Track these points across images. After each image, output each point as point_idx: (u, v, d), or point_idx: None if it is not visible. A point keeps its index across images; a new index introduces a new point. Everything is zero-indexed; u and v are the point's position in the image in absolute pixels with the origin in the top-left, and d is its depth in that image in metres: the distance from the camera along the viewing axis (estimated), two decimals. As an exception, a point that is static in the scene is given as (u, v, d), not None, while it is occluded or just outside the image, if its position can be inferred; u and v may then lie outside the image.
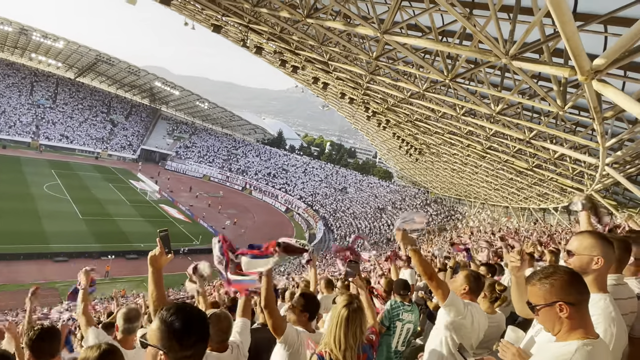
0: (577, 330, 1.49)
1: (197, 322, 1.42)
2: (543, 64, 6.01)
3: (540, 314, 1.56)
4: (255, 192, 59.66)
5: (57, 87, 66.13)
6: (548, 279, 1.53)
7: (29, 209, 32.07)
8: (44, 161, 49.20)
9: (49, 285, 22.13)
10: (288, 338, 2.55)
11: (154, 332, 1.38)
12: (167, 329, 1.36)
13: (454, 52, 8.63)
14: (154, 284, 2.18)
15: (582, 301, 1.51)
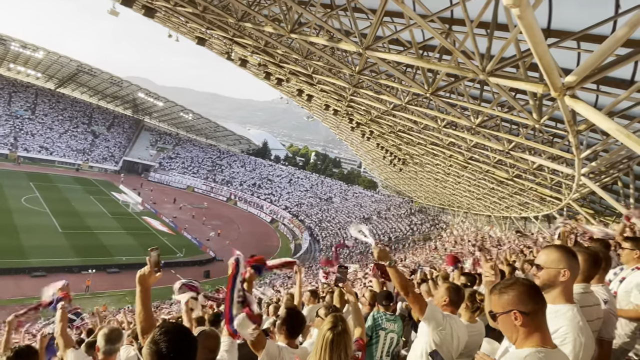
0: (531, 338, 1.59)
1: (186, 344, 1.47)
2: (519, 80, 6.23)
3: (499, 322, 1.68)
4: (240, 202, 59.25)
5: (36, 97, 64.86)
6: (507, 289, 1.65)
7: (6, 223, 31.11)
8: (22, 173, 47.95)
9: (27, 300, 21.41)
10: (269, 352, 2.57)
11: (145, 351, 1.45)
12: (155, 350, 1.43)
13: (434, 68, 8.87)
14: (142, 304, 2.16)
15: (537, 311, 1.61)
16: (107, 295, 24.51)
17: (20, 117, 60.02)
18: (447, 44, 6.83)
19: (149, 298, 2.20)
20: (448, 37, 7.14)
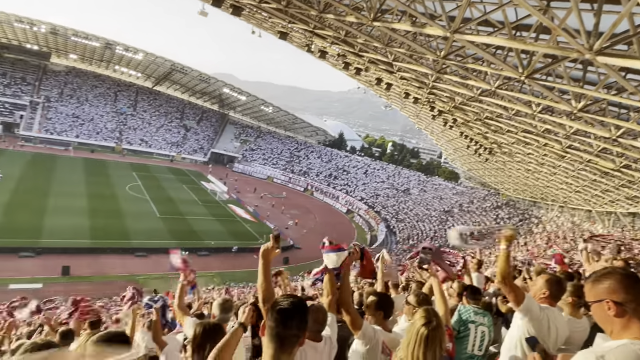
0: (629, 330, 1.48)
1: (300, 313, 1.73)
2: (633, 58, 5.47)
3: (592, 312, 1.62)
4: (316, 193, 60.49)
5: (137, 95, 72.16)
6: (601, 277, 1.60)
7: (114, 208, 35.32)
8: (126, 164, 53.92)
9: (130, 277, 24.31)
10: (366, 334, 2.67)
11: (268, 317, 1.73)
12: (276, 317, 1.69)
13: (531, 49, 8.15)
14: (263, 275, 2.38)
15: (633, 301, 1.50)
16: (198, 276, 26.61)
17: (124, 114, 67.35)
18: (547, 20, 6.21)
19: (269, 270, 2.44)
20: (546, 14, 6.48)
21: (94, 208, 34.03)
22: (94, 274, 24.60)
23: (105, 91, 69.33)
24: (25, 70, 63.42)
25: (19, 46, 61.53)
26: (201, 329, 2.20)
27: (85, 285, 22.83)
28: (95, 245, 27.56)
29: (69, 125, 60.20)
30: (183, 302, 3.65)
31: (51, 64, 65.85)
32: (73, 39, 55.94)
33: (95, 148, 58.34)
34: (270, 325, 1.69)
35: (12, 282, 22.03)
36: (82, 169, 46.42)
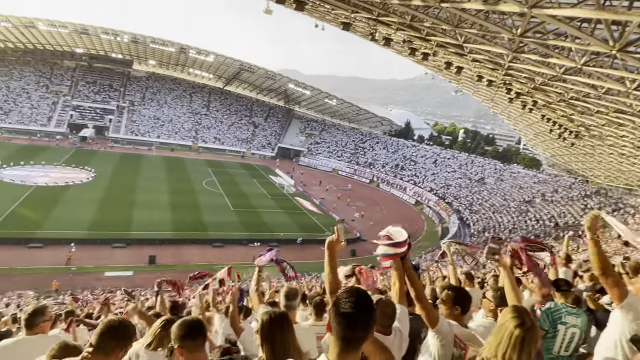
0: None
1: (366, 307, 1.60)
2: None
3: None
4: (382, 184, 59.64)
5: (209, 96, 76.32)
6: None
7: (192, 202, 37.85)
8: (202, 161, 57.44)
9: (209, 266, 25.91)
10: (441, 329, 2.55)
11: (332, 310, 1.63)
12: (338, 311, 1.58)
13: (623, 19, 7.14)
14: (330, 267, 2.38)
15: None
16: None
17: (198, 114, 71.65)
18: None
19: (335, 262, 2.42)
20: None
21: (174, 202, 36.75)
22: (177, 263, 26.58)
23: (182, 93, 74.22)
24: (111, 78, 70.04)
25: (105, 56, 68.04)
26: (267, 317, 2.18)
27: (169, 273, 24.72)
28: (177, 237, 29.79)
29: (151, 126, 65.48)
30: (259, 290, 3.80)
31: (133, 70, 71.98)
32: (151, 45, 60.51)
33: (174, 147, 62.87)
34: (334, 327, 1.61)
35: (107, 269, 24.60)
36: (163, 167, 50.33)
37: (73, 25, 55.07)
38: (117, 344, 2.09)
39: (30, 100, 61.19)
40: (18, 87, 62.06)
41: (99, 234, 28.24)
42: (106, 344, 2.06)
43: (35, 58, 65.40)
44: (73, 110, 62.45)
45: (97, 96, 66.40)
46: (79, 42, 61.72)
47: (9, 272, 22.63)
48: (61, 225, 28.53)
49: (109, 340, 2.07)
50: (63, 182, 37.57)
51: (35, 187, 35.26)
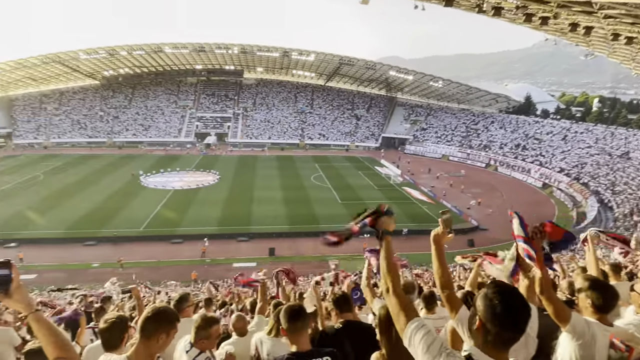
0: None
1: (518, 303, 1.51)
2: None
3: None
4: (501, 167, 54.75)
5: (312, 94, 78.91)
6: None
7: (303, 197, 39.66)
8: (309, 157, 59.81)
9: (323, 258, 26.92)
10: (576, 327, 2.28)
11: (478, 300, 1.57)
12: (490, 306, 1.50)
13: None
14: (438, 261, 2.28)
15: None
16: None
17: (303, 112, 74.64)
18: None
19: (443, 255, 2.30)
20: None
21: (287, 198, 38.99)
22: (294, 254, 28.16)
23: (287, 95, 78.16)
24: (227, 89, 77.10)
25: (220, 69, 75.04)
26: (385, 311, 2.20)
27: (288, 264, 26.32)
28: (292, 230, 31.53)
29: (263, 129, 70.42)
30: (370, 282, 3.76)
31: (244, 79, 78.11)
32: (258, 53, 64.89)
33: (284, 146, 66.67)
34: (490, 327, 1.50)
35: (235, 261, 27.20)
36: (275, 165, 53.74)
37: (192, 45, 62.01)
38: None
39: (164, 115, 70.81)
40: (153, 105, 72.37)
41: (226, 229, 31.38)
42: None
43: (164, 78, 75.36)
44: (198, 121, 70.52)
45: (216, 106, 73.90)
46: (197, 59, 69.25)
47: (157, 264, 26.52)
48: (195, 222, 32.46)
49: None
50: (194, 185, 42.67)
51: (173, 191, 40.73)
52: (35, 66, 62.09)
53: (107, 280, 23.00)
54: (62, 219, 32.57)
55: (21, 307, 1.72)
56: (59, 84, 72.48)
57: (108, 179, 44.69)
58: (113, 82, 73.47)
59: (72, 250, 27.81)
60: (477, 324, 1.55)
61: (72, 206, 35.50)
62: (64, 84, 72.80)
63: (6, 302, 1.65)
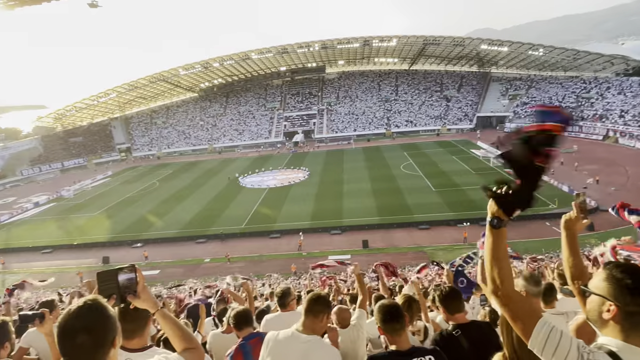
0: None
1: None
2: None
3: None
4: (622, 139, 47.32)
5: (396, 80, 76.64)
6: None
7: (393, 187, 38.68)
8: (397, 146, 58.18)
9: (417, 249, 25.93)
10: None
11: (603, 285, 1.42)
12: (619, 285, 1.38)
13: None
14: (569, 249, 2.08)
15: None
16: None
17: (388, 100, 72.87)
18: None
19: (576, 243, 2.10)
20: None
21: (377, 189, 38.40)
22: (387, 246, 27.57)
23: (370, 85, 77.07)
24: (310, 86, 78.66)
25: (303, 68, 76.88)
26: None
27: (382, 256, 25.86)
28: (384, 222, 30.90)
29: (348, 122, 70.43)
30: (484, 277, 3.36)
31: (326, 74, 78.89)
32: (338, 47, 65.00)
33: (370, 137, 65.90)
34: (625, 311, 1.33)
35: (330, 254, 27.48)
36: (362, 157, 53.35)
37: (275, 48, 64.51)
38: (321, 309, 2.62)
39: (255, 119, 74.83)
40: (245, 110, 76.90)
41: (319, 223, 31.98)
42: (312, 308, 2.62)
43: (253, 84, 79.67)
44: (285, 121, 73.18)
45: (301, 105, 75.91)
46: (281, 61, 71.84)
47: (259, 258, 28.06)
48: (290, 218, 33.65)
49: (316, 306, 2.62)
50: (287, 183, 44.33)
51: (268, 189, 42.80)
52: (144, 86, 70.31)
53: (218, 274, 24.95)
54: (176, 220, 36.23)
55: (148, 306, 1.82)
56: (165, 100, 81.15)
57: (212, 182, 48.63)
58: (209, 93, 79.94)
59: (187, 248, 30.80)
60: (613, 311, 1.35)
61: (184, 208, 39.30)
62: (169, 99, 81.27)
63: (135, 302, 1.76)
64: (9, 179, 62.22)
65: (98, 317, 1.41)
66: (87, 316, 1.38)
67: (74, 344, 1.35)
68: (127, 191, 48.77)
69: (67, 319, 1.37)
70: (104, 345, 1.40)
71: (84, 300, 1.43)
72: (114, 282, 1.69)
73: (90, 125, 76.42)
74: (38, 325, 2.66)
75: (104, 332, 1.41)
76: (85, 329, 1.36)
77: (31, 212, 45.23)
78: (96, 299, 1.46)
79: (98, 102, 71.50)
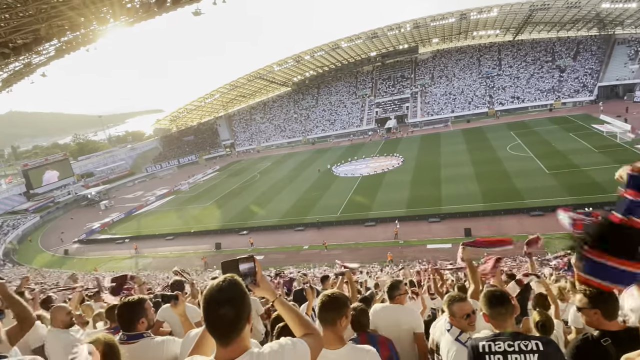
0: None
1: None
2: None
3: None
4: None
5: (499, 53, 70.04)
6: None
7: (498, 170, 35.52)
8: (501, 125, 53.24)
9: (523, 237, 23.30)
10: None
11: None
12: None
13: None
14: None
15: None
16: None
17: (490, 76, 67.00)
18: None
19: None
20: None
21: (480, 173, 35.64)
22: (494, 234, 25.38)
23: (468, 61, 71.72)
24: (402, 69, 76.03)
25: (394, 51, 74.57)
26: None
27: (487, 245, 23.96)
28: (489, 208, 28.55)
29: (444, 103, 66.54)
30: None
31: (419, 55, 75.44)
32: (432, 24, 61.59)
33: (470, 117, 61.42)
34: None
35: (428, 242, 26.41)
36: (462, 140, 49.95)
37: (365, 34, 63.51)
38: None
39: (346, 108, 74.93)
40: (336, 100, 77.40)
41: (415, 210, 30.85)
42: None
43: (343, 73, 79.71)
44: (377, 107, 71.92)
45: (393, 89, 73.84)
46: (371, 46, 70.56)
47: (355, 246, 28.10)
48: (385, 206, 33.06)
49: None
50: (380, 170, 43.60)
51: (361, 177, 42.63)
52: (243, 85, 75.07)
53: (316, 261, 25.68)
54: (276, 209, 38.11)
55: (267, 294, 1.90)
56: (262, 97, 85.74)
57: (307, 172, 50.11)
58: (301, 86, 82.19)
59: (287, 235, 32.21)
60: None
61: (282, 198, 41.15)
62: (265, 95, 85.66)
63: (256, 291, 1.86)
64: (136, 176, 71.75)
65: (238, 292, 1.54)
66: (229, 290, 1.52)
67: (217, 315, 1.50)
68: (233, 183, 52.72)
69: (212, 292, 1.52)
70: (242, 318, 1.54)
71: (224, 276, 1.57)
72: (236, 271, 1.76)
73: (199, 125, 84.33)
74: (173, 305, 3.05)
75: (243, 305, 1.54)
76: (228, 301, 1.50)
77: (155, 204, 51.53)
78: (234, 276, 1.58)
79: (205, 103, 78.47)
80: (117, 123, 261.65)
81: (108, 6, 18.84)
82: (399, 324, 3.48)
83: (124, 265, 33.69)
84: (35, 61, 26.14)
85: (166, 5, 19.62)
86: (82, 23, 20.12)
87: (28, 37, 19.54)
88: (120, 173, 72.45)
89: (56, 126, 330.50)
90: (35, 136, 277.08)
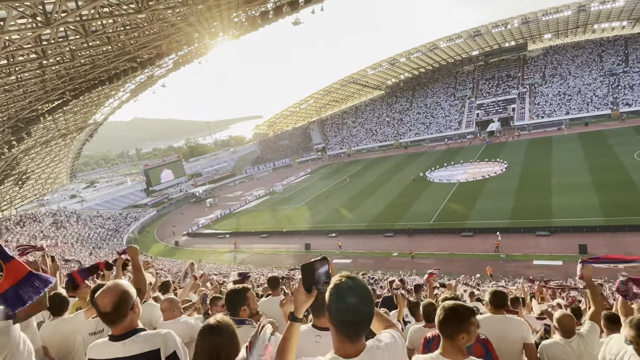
0: None
1: None
2: None
3: None
4: None
5: (625, 47, 60.94)
6: None
7: (623, 180, 30.75)
8: (628, 129, 46.10)
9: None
10: None
11: None
12: None
13: None
14: None
15: None
16: None
17: (614, 74, 58.60)
18: None
19: None
20: None
21: (599, 182, 31.26)
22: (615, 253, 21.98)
23: (587, 57, 63.70)
24: (507, 68, 70.32)
25: (498, 49, 69.38)
26: None
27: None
28: (610, 223, 24.81)
29: (557, 104, 59.81)
30: None
31: (528, 52, 69.04)
32: (544, 19, 56.13)
33: (588, 120, 54.33)
34: None
35: (535, 258, 23.80)
36: (578, 145, 44.39)
37: (466, 32, 60.26)
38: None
39: (443, 110, 71.61)
40: (432, 102, 74.46)
41: (520, 222, 28.11)
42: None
43: (441, 74, 76.45)
44: (478, 109, 67.40)
45: (497, 90, 68.61)
46: (473, 45, 66.63)
47: (450, 257, 26.50)
48: (485, 215, 30.71)
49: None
50: (480, 177, 40.69)
51: (458, 183, 40.23)
52: (336, 90, 76.36)
53: (405, 268, 24.87)
54: (366, 213, 37.80)
55: None
56: (355, 101, 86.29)
57: (398, 176, 48.94)
58: (395, 89, 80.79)
59: (376, 240, 31.72)
60: None
61: (372, 202, 40.71)
62: (357, 99, 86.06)
63: None
64: (237, 177, 77.38)
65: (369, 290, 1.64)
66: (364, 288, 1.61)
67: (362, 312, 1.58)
68: (323, 186, 53.76)
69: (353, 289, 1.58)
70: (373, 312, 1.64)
71: (350, 276, 1.63)
72: (312, 274, 1.79)
73: (293, 130, 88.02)
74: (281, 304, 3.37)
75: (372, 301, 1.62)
76: (368, 298, 1.59)
77: (253, 203, 54.87)
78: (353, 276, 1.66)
79: (300, 109, 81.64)
80: (223, 128, 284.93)
81: (218, 21, 20.52)
82: (504, 335, 3.33)
83: (224, 258, 36.33)
84: (157, 73, 29.64)
85: (269, 17, 20.71)
86: (197, 38, 22.26)
87: (152, 52, 22.18)
88: (223, 174, 78.84)
89: (172, 131, 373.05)
90: (155, 140, 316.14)
